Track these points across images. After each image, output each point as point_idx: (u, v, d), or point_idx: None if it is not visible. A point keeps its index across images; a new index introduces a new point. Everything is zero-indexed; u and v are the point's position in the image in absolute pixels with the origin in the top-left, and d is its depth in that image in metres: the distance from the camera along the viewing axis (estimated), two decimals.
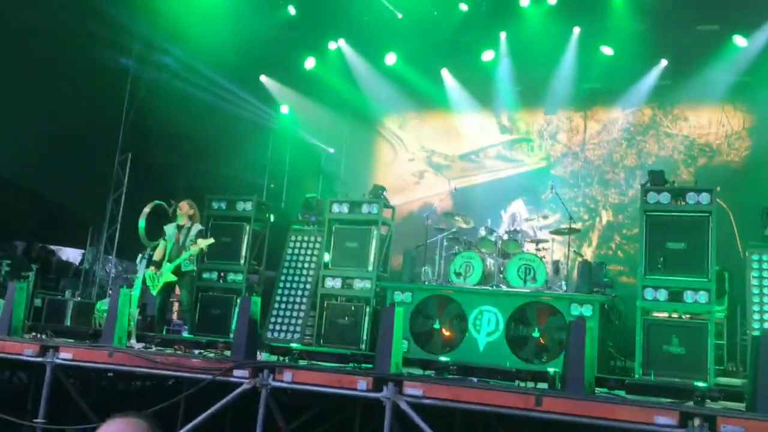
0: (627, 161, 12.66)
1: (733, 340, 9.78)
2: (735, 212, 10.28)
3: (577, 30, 12.18)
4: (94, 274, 12.29)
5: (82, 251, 12.54)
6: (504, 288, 9.53)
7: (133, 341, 7.20)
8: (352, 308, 9.88)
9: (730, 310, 9.71)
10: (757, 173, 11.60)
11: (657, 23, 11.53)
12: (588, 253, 11.99)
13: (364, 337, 9.66)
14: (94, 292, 11.95)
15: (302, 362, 6.54)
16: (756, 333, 7.79)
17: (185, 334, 8.69)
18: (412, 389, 5.57)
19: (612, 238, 12.47)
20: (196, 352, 6.76)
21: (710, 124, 12.21)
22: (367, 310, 9.78)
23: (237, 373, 5.97)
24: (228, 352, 6.63)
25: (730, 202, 10.14)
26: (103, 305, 9.50)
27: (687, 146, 12.31)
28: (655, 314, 8.53)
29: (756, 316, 8.62)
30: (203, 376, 6.01)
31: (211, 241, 8.81)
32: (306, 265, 10.89)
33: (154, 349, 6.89)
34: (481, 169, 13.60)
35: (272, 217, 11.71)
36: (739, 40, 11.26)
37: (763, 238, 9.04)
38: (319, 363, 6.63)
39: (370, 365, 6.37)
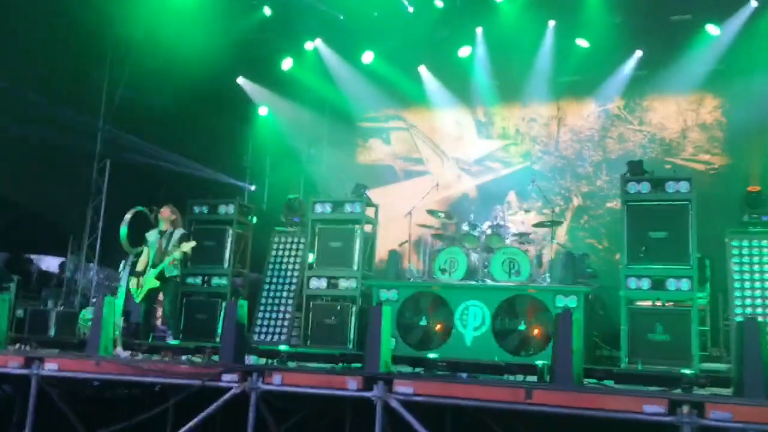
0: (601, 152, 12.74)
1: (716, 326, 9.90)
2: (713, 199, 10.44)
3: (552, 23, 12.24)
4: (76, 282, 12.15)
5: (62, 260, 12.37)
6: (489, 282, 9.58)
7: (119, 349, 7.13)
8: (338, 308, 9.87)
9: (713, 297, 9.82)
10: (733, 160, 11.76)
11: (631, 14, 11.61)
12: (561, 231, 12.02)
13: (352, 337, 9.66)
14: (76, 301, 11.81)
15: (291, 364, 6.52)
16: (739, 319, 7.89)
17: (171, 341, 8.63)
18: (402, 387, 5.56)
19: (582, 216, 12.61)
20: (184, 358, 6.71)
21: (684, 113, 12.31)
22: (354, 309, 9.78)
23: (225, 377, 5.93)
24: (216, 357, 6.60)
25: (709, 189, 10.32)
26: (87, 314, 9.41)
27: (658, 137, 12.42)
28: (639, 303, 8.64)
29: (738, 302, 8.75)
30: (191, 382, 5.96)
31: (194, 244, 8.75)
32: (290, 267, 10.87)
33: (141, 356, 6.83)
34: (464, 166, 13.62)
35: (255, 220, 11.67)
36: (712, 29, 11.38)
37: (742, 224, 9.15)
38: (308, 364, 6.62)
39: (359, 364, 6.37)
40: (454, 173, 13.62)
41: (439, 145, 13.87)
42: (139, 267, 8.72)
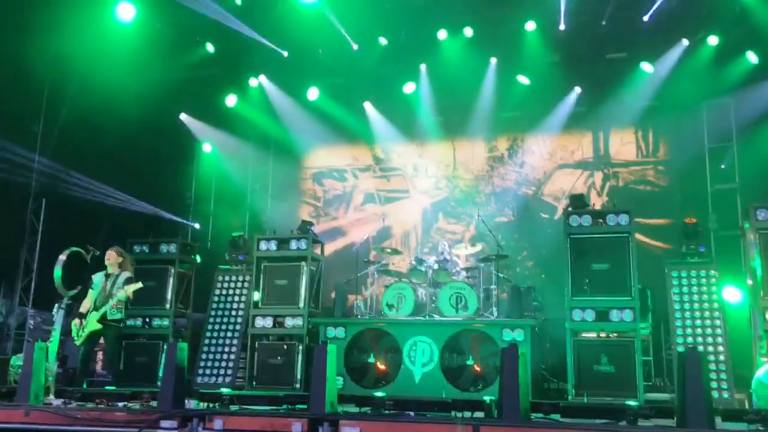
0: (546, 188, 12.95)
1: (659, 356, 10.08)
2: (652, 231, 10.68)
3: (494, 60, 12.49)
4: (9, 327, 11.62)
5: None
6: (437, 317, 9.55)
7: (51, 397, 6.80)
8: (285, 347, 9.70)
9: (655, 326, 10.01)
10: (670, 192, 12.10)
11: (568, 54, 11.94)
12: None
13: (299, 376, 9.48)
14: (9, 347, 11.29)
15: (233, 407, 6.32)
16: (680, 349, 8.02)
17: (108, 386, 8.28)
18: (348, 428, 5.45)
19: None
20: (120, 404, 6.42)
21: (624, 147, 12.65)
22: (300, 348, 9.62)
23: (164, 424, 5.71)
24: (154, 403, 6.34)
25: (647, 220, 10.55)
26: (17, 360, 8.96)
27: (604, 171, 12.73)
28: (584, 335, 8.71)
29: (679, 332, 8.92)
30: (128, 430, 5.71)
31: (140, 285, 8.49)
32: (235, 306, 10.66)
33: (74, 404, 6.52)
34: (408, 199, 13.64)
35: (199, 258, 11.43)
36: (646, 67, 11.78)
37: (681, 255, 9.37)
38: (252, 407, 6.42)
39: (304, 405, 6.20)
40: (401, 208, 13.62)
41: (384, 180, 13.85)
42: (83, 309, 8.44)
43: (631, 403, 6.25)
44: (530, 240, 12.54)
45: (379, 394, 6.89)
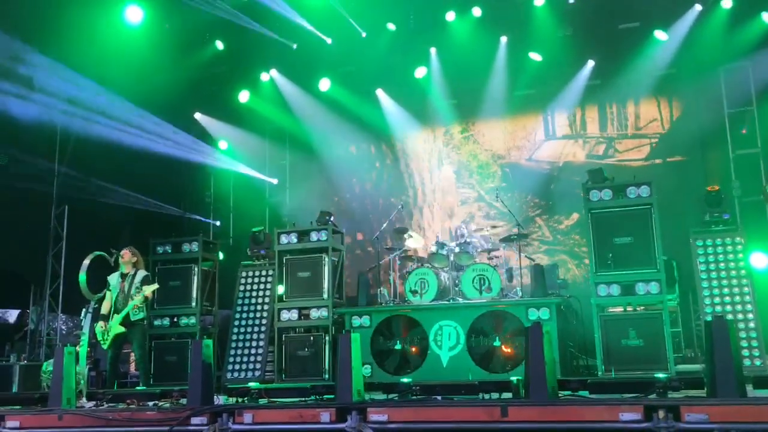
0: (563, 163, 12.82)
1: (688, 327, 9.97)
2: (675, 200, 10.54)
3: (504, 39, 12.36)
4: (40, 333, 11.81)
5: (19, 311, 12.01)
6: (461, 301, 9.53)
7: (83, 401, 6.90)
8: (312, 338, 9.72)
9: (682, 297, 9.90)
10: (690, 161, 11.92)
11: (580, 27, 11.79)
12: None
13: (327, 367, 9.51)
14: (42, 353, 11.48)
15: (262, 401, 6.36)
16: (708, 318, 7.92)
17: (138, 387, 8.40)
18: (376, 416, 5.46)
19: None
20: (151, 404, 6.50)
21: (642, 117, 12.47)
22: (327, 338, 9.64)
23: (195, 420, 5.77)
24: (184, 400, 6.41)
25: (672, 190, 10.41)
26: (49, 366, 9.10)
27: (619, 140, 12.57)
28: (611, 310, 8.64)
29: (707, 301, 8.79)
30: (159, 428, 5.78)
31: (156, 286, 8.59)
32: (260, 300, 10.70)
33: (105, 406, 6.61)
34: (426, 184, 13.60)
35: (221, 255, 11.50)
36: (660, 35, 11.58)
37: (704, 223, 9.24)
38: (280, 399, 6.46)
39: (332, 395, 6.23)
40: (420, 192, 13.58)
41: (407, 167, 13.81)
42: (104, 310, 8.54)
43: (660, 375, 6.18)
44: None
45: (405, 380, 6.90)
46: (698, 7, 11.27)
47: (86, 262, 8.17)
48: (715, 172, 11.32)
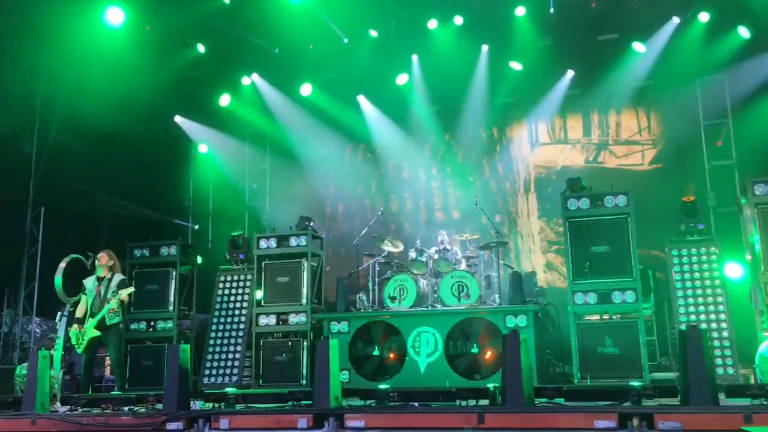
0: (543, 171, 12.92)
1: (663, 335, 10.08)
2: (649, 209, 10.67)
3: (485, 47, 12.46)
4: (14, 337, 11.65)
5: None
6: (439, 307, 9.56)
7: (57, 405, 6.82)
8: (290, 344, 9.70)
9: (658, 306, 10.01)
10: (668, 170, 12.08)
11: (560, 37, 11.91)
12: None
13: (304, 373, 9.49)
14: (15, 357, 11.33)
15: (239, 407, 6.33)
16: (682, 327, 8.02)
17: (114, 391, 8.32)
18: (353, 422, 5.45)
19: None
20: (126, 408, 6.44)
21: (619, 127, 12.62)
22: (305, 344, 9.62)
23: (171, 426, 5.70)
24: (160, 405, 6.35)
25: (646, 201, 10.54)
26: (23, 370, 8.99)
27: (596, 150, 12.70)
28: (587, 318, 8.72)
29: (682, 310, 8.92)
30: None
31: (132, 290, 8.52)
32: (238, 305, 10.66)
33: (80, 411, 6.54)
34: (406, 191, 13.64)
35: (199, 259, 11.43)
36: (638, 47, 11.74)
37: (679, 233, 9.36)
38: (257, 405, 6.43)
39: (309, 401, 6.22)
40: (399, 202, 13.61)
41: (387, 173, 13.83)
42: (79, 314, 8.44)
43: (635, 383, 6.24)
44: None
45: (383, 386, 6.90)
46: (676, 20, 11.44)
47: (62, 264, 8.10)
48: (691, 183, 11.47)
